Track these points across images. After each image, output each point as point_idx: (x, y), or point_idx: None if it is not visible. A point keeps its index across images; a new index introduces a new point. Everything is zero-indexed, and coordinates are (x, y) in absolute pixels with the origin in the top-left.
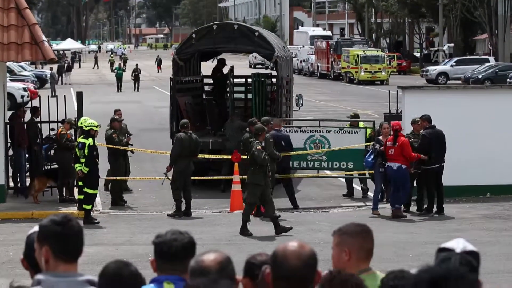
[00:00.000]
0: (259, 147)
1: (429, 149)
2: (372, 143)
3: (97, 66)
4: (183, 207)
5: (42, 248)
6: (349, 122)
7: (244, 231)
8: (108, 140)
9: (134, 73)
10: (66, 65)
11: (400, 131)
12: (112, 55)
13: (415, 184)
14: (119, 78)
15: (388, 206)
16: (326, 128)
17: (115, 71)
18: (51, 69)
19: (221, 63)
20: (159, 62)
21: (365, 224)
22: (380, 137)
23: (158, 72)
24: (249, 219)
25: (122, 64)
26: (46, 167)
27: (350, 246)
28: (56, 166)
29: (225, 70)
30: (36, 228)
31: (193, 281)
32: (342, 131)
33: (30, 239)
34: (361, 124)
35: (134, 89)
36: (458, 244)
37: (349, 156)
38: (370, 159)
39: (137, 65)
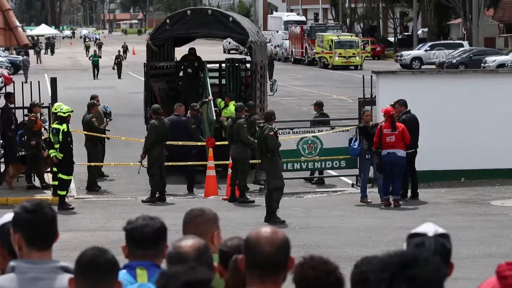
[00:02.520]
0: (272, 132)
1: (409, 134)
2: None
3: (52, 52)
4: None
5: (16, 235)
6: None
7: (272, 219)
8: (87, 125)
9: (116, 60)
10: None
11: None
12: (87, 40)
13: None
14: (95, 65)
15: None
16: (317, 128)
17: (91, 58)
18: (23, 55)
19: (192, 53)
20: (125, 49)
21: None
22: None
23: (123, 59)
24: (277, 206)
25: (97, 51)
26: (20, 153)
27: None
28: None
29: (203, 54)
30: (7, 218)
31: (170, 268)
32: (333, 130)
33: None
34: (232, 108)
35: (118, 77)
36: (429, 228)
37: (341, 154)
38: (356, 146)
39: (119, 51)
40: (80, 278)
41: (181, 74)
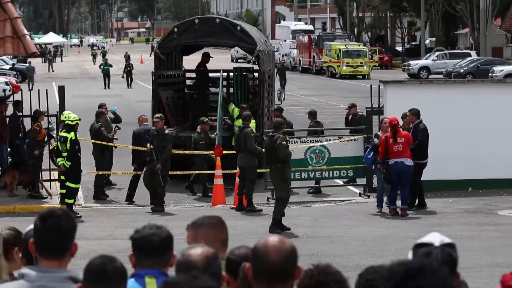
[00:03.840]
0: (284, 142)
1: (424, 144)
2: (371, 139)
3: (51, 62)
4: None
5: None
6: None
7: (275, 228)
8: (96, 133)
9: (126, 69)
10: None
11: (398, 126)
12: (94, 48)
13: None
14: (106, 74)
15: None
16: (325, 137)
17: (102, 67)
18: (29, 62)
19: (206, 56)
20: (127, 59)
21: (218, 216)
22: (379, 133)
23: (132, 68)
24: (283, 215)
25: (107, 59)
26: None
27: (205, 238)
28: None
29: (210, 62)
30: (32, 225)
31: (173, 277)
32: (341, 140)
33: (27, 236)
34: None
35: (128, 86)
36: (435, 238)
37: (349, 163)
38: (370, 156)
39: (129, 59)
40: (88, 286)
41: (189, 82)
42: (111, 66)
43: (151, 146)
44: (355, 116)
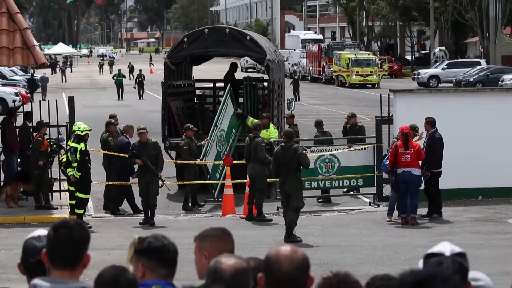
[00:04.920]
0: (304, 151)
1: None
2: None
3: (64, 73)
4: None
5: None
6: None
7: (291, 238)
8: (104, 143)
9: (137, 79)
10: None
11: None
12: (102, 59)
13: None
14: (119, 85)
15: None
16: (335, 147)
17: (115, 78)
18: (44, 73)
19: (234, 66)
20: (131, 69)
21: (224, 228)
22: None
23: (130, 79)
24: (295, 225)
25: (120, 70)
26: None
27: (210, 250)
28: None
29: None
30: (32, 233)
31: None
32: (351, 149)
33: (26, 244)
34: (272, 129)
35: (139, 97)
36: (446, 248)
37: (359, 172)
38: (387, 163)
39: (140, 70)
40: None
41: (198, 92)
42: (124, 77)
43: (144, 159)
44: (355, 126)
